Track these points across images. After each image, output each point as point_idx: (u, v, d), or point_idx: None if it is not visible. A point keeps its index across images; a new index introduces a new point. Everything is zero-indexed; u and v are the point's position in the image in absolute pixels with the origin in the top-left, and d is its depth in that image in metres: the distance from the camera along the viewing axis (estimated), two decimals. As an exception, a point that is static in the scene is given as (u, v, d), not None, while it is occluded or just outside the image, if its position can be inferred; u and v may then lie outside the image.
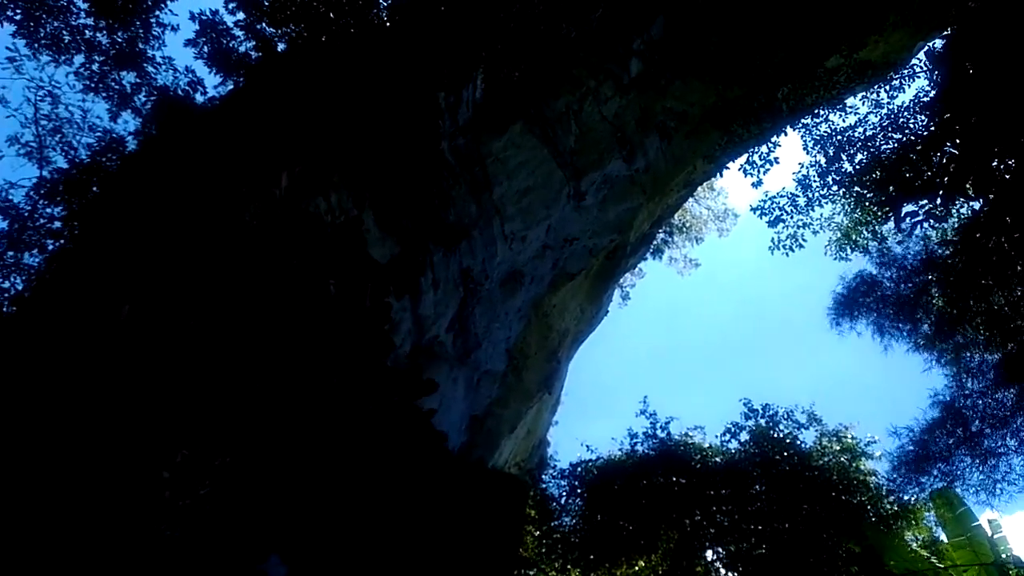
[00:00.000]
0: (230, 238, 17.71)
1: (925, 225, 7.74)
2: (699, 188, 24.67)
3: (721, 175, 22.61)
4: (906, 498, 15.35)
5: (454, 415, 19.74)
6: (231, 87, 19.01)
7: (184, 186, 19.68)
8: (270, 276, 16.12)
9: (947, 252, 12.47)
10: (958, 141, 7.26)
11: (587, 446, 17.57)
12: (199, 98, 18.28)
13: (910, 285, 16.68)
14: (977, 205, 7.76)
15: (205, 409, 15.59)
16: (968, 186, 7.31)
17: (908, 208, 7.90)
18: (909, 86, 15.38)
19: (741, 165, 17.17)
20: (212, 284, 16.71)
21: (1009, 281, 7.80)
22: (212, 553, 14.31)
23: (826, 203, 15.67)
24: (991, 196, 7.24)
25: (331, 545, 14.52)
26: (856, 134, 14.96)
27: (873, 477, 15.16)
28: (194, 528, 14.95)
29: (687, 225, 28.39)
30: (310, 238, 16.82)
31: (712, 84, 17.84)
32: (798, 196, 15.59)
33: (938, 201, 7.57)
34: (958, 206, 8.78)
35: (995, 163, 7.17)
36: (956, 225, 8.12)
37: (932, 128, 7.81)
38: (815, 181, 15.35)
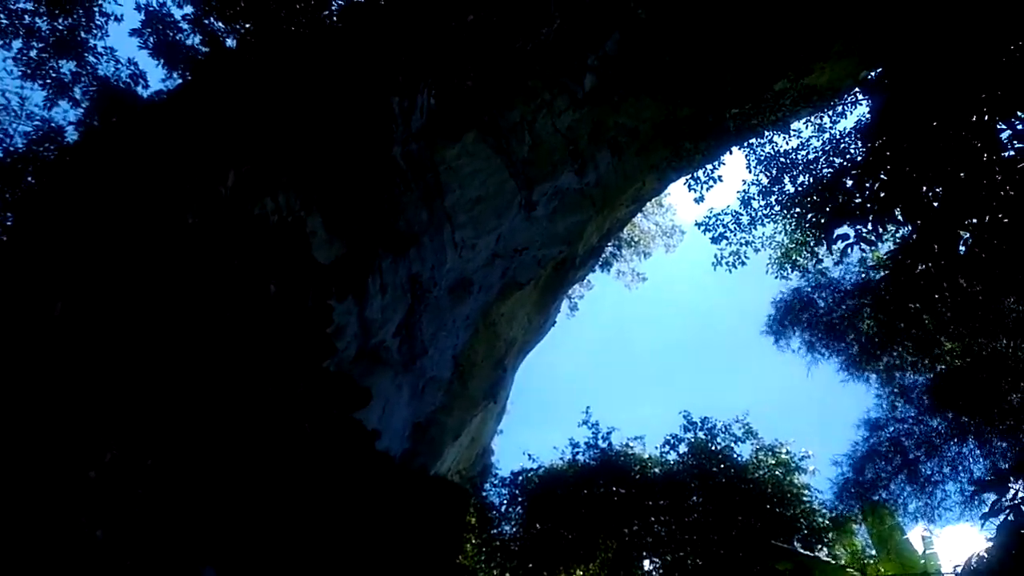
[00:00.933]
0: (170, 236, 17.30)
1: (857, 248, 7.97)
2: (648, 204, 25.04)
3: (668, 193, 22.97)
4: (836, 513, 15.81)
5: (397, 422, 19.58)
6: (177, 82, 18.61)
7: (125, 180, 19.16)
8: (209, 275, 15.77)
9: (878, 276, 12.94)
10: (890, 168, 7.50)
11: (529, 455, 17.63)
12: (142, 91, 17.83)
13: (842, 307, 17.21)
14: (907, 231, 8.02)
15: (136, 410, 15.16)
16: (898, 212, 7.56)
17: (841, 231, 8.13)
18: (852, 112, 15.94)
19: (687, 180, 17.50)
20: (148, 283, 16.28)
21: (935, 305, 8.11)
22: (144, 555, 13.90)
23: (768, 222, 16.11)
24: (919, 223, 7.49)
25: (267, 554, 14.21)
26: (799, 157, 15.41)
27: (806, 491, 15.54)
28: (124, 530, 14.50)
29: (635, 239, 28.80)
30: (253, 238, 16.52)
31: (663, 102, 18.15)
32: (741, 214, 15.98)
33: (869, 226, 7.81)
34: (889, 231, 9.09)
35: (924, 190, 7.43)
36: (887, 250, 8.43)
37: (867, 154, 8.07)
38: (757, 200, 15.76)
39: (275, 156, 20.74)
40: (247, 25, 16.62)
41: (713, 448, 16.08)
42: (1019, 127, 7.55)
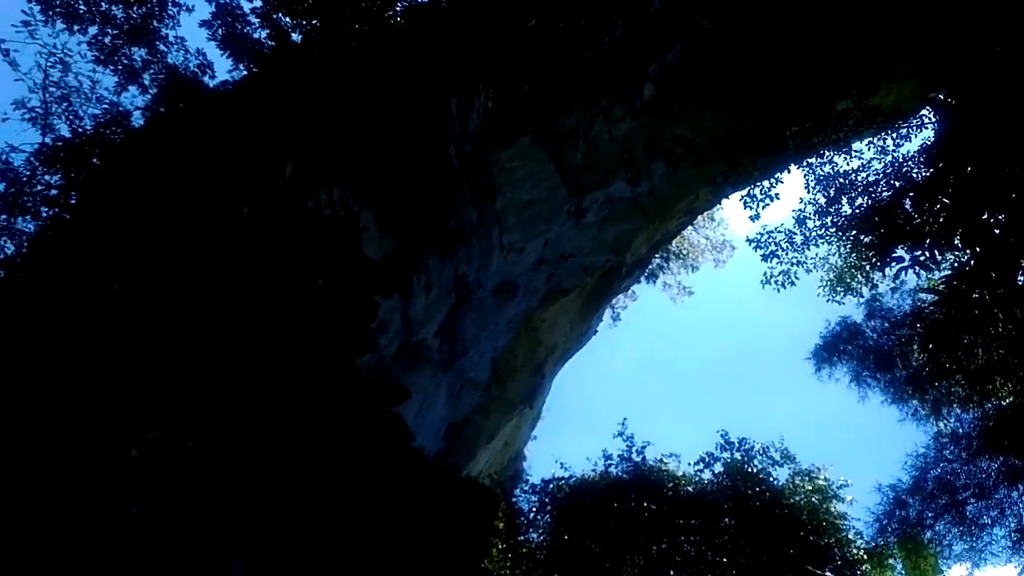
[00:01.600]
0: (226, 225, 17.73)
1: (912, 273, 7.71)
2: (699, 217, 24.70)
3: (721, 207, 22.64)
4: (873, 545, 15.32)
5: (433, 420, 19.69)
6: (243, 73, 19.08)
7: (187, 168, 19.71)
8: (260, 266, 16.12)
9: (931, 305, 12.48)
10: (951, 191, 7.24)
11: (561, 463, 17.46)
12: (208, 81, 18.34)
13: (892, 337, 16.67)
14: (965, 258, 7.73)
15: (181, 393, 15.55)
16: (957, 238, 7.29)
17: (897, 254, 7.87)
18: (916, 136, 15.44)
19: (742, 197, 17.17)
20: (202, 270, 16.71)
21: (989, 337, 7.78)
22: (177, 537, 14.21)
23: (822, 243, 15.68)
24: (978, 250, 7.21)
25: (293, 548, 14.40)
26: (859, 178, 14.98)
27: (843, 520, 15.09)
28: (161, 509, 14.86)
29: (684, 252, 28.44)
30: (306, 230, 16.82)
31: (723, 115, 17.89)
32: (795, 233, 15.59)
33: (926, 250, 7.55)
34: (947, 257, 8.78)
35: (985, 216, 7.15)
36: (943, 277, 8.13)
37: (929, 176, 7.81)
38: (813, 220, 15.35)
39: (333, 150, 21.11)
40: (313, 21, 16.95)
41: (749, 470, 15.72)
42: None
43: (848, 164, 15.17)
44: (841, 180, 14.92)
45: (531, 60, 18.65)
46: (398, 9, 15.56)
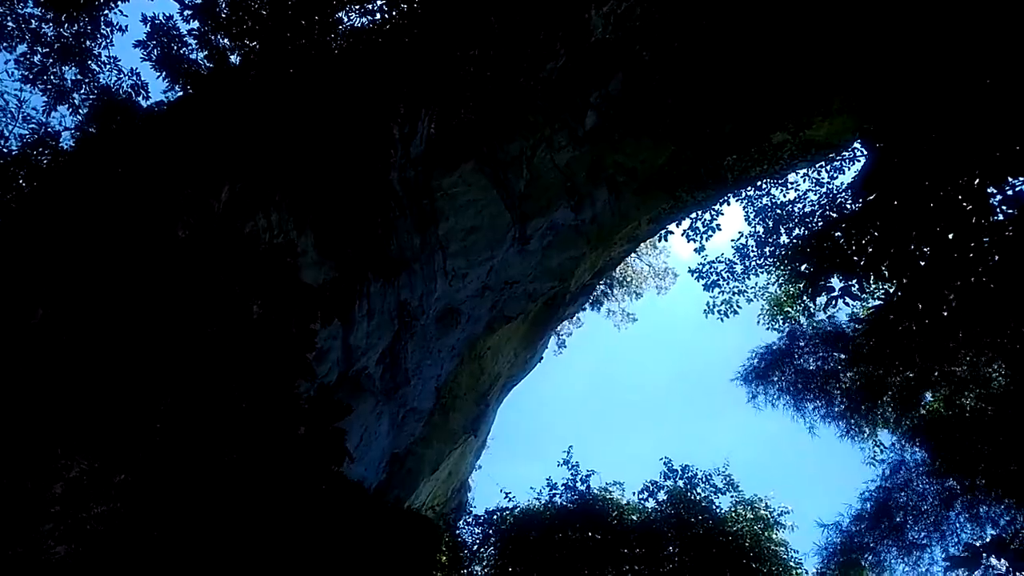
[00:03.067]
0: (159, 249, 17.12)
1: (842, 302, 7.82)
2: (642, 244, 24.93)
3: (666, 239, 22.88)
4: (815, 570, 15.45)
5: (375, 451, 19.25)
6: (179, 94, 18.60)
7: (119, 190, 19.05)
8: (194, 293, 15.56)
9: (860, 331, 12.83)
10: (879, 223, 7.36)
11: (506, 493, 17.19)
12: (142, 102, 17.81)
13: (824, 361, 17.00)
14: (892, 288, 7.86)
15: (111, 423, 14.85)
16: (885, 269, 7.40)
17: (828, 284, 7.98)
18: (849, 168, 15.90)
19: (684, 231, 17.37)
20: (134, 295, 16.06)
21: (914, 365, 7.93)
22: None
23: (762, 273, 16.00)
24: (905, 281, 7.33)
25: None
26: (795, 209, 15.35)
27: (784, 548, 15.18)
28: (87, 547, 14.08)
29: (627, 279, 28.70)
30: (242, 256, 16.31)
31: (663, 145, 18.13)
32: (735, 263, 15.86)
33: (856, 281, 7.65)
34: (875, 287, 8.95)
35: (912, 248, 7.28)
36: (873, 306, 8.29)
37: (858, 208, 7.94)
38: (753, 251, 15.65)
39: (271, 174, 20.69)
40: (253, 44, 16.59)
41: (692, 498, 15.73)
42: (1010, 193, 7.43)
43: (785, 196, 15.55)
44: (779, 211, 15.25)
45: (474, 87, 18.64)
46: (340, 31, 15.35)
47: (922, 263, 7.48)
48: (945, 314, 7.39)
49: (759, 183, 16.04)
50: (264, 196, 20.56)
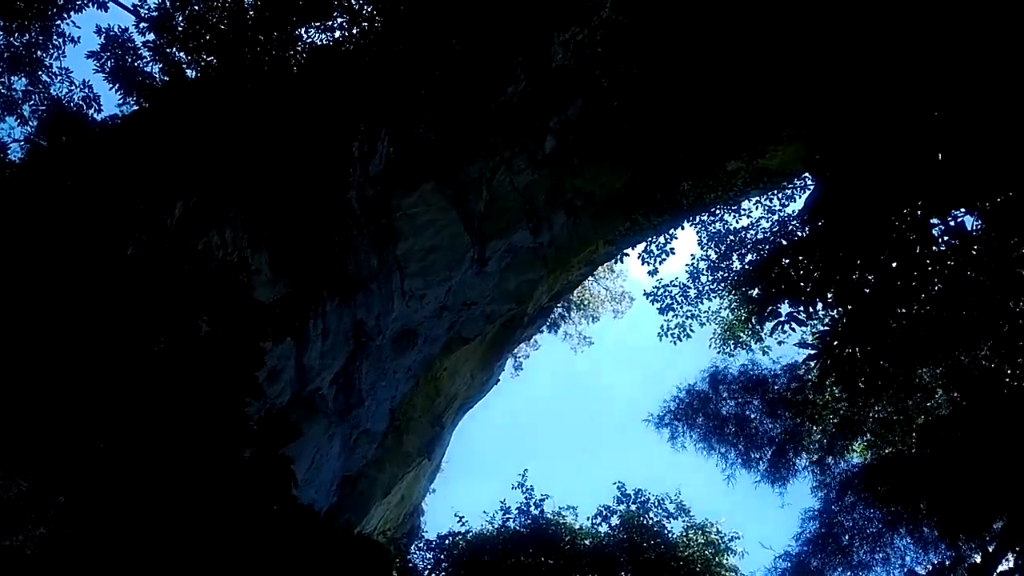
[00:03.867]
0: (107, 265, 16.70)
1: (789, 328, 7.94)
2: (599, 268, 25.09)
3: (622, 260, 23.06)
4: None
5: (326, 474, 18.89)
6: (133, 107, 18.27)
7: (68, 204, 18.58)
8: (143, 310, 15.18)
9: (805, 359, 13.06)
10: (826, 250, 7.49)
11: (459, 517, 17.03)
12: (94, 114, 17.43)
13: (746, 406, 17.27)
14: (838, 315, 8.00)
15: (50, 443, 14.34)
16: (831, 295, 7.52)
17: (776, 310, 8.09)
18: (800, 196, 16.23)
19: (640, 253, 17.54)
20: (81, 312, 15.61)
21: (858, 392, 8.06)
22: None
23: (714, 297, 16.21)
24: (850, 307, 7.46)
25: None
26: (748, 235, 15.64)
27: (733, 573, 15.26)
28: (25, 573, 13.52)
29: (585, 302, 28.85)
30: (192, 272, 15.97)
31: (620, 170, 18.32)
32: (689, 287, 16.06)
33: (803, 306, 7.76)
34: (823, 314, 9.11)
35: (856, 276, 7.41)
36: (819, 332, 8.43)
37: (806, 235, 8.08)
38: (706, 275, 15.87)
39: (227, 190, 20.37)
40: (211, 58, 16.39)
41: (645, 522, 15.76)
42: (952, 224, 7.63)
43: (738, 222, 15.83)
44: (732, 237, 15.51)
45: (435, 108, 18.65)
46: (300, 48, 15.26)
47: (867, 290, 7.62)
48: (889, 341, 7.53)
49: (713, 209, 16.30)
50: (219, 212, 20.22)
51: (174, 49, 16.34)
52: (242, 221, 20.45)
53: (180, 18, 15.24)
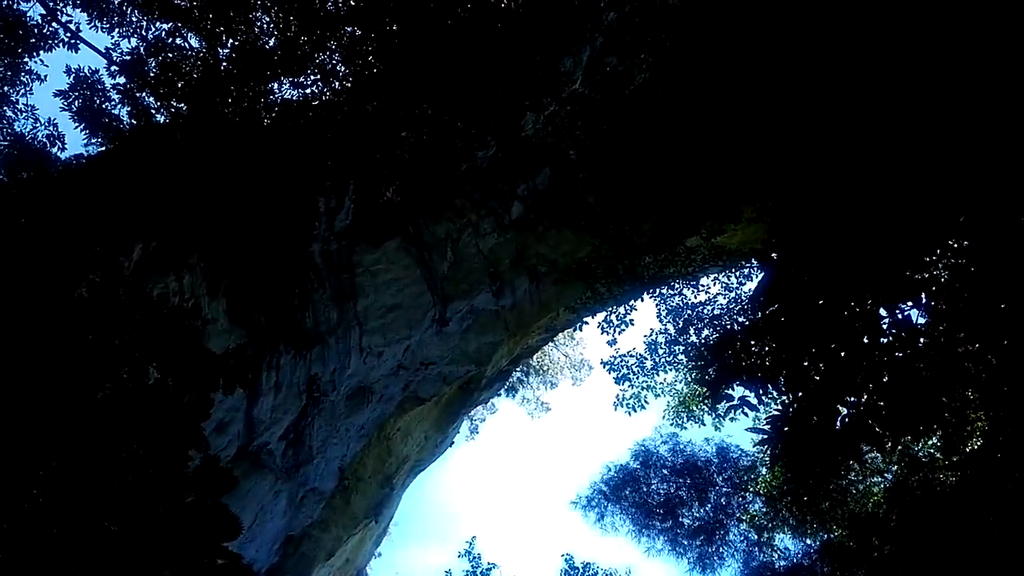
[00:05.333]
0: (57, 307, 16.28)
1: (741, 412, 8.01)
2: (559, 335, 25.16)
3: (582, 328, 23.16)
4: None
5: (269, 532, 18.26)
6: (99, 148, 18.12)
7: (24, 242, 18.19)
8: (88, 352, 14.78)
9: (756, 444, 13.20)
10: (778, 335, 7.61)
11: (404, 585, 16.49)
12: (59, 153, 17.25)
13: (677, 488, 17.34)
14: (789, 400, 8.09)
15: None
16: (782, 380, 7.62)
17: (729, 392, 8.17)
18: (757, 276, 16.55)
19: (600, 323, 17.64)
20: (24, 353, 15.14)
21: (807, 479, 8.12)
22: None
23: (670, 369, 16.30)
24: (800, 394, 7.55)
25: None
26: (705, 311, 15.86)
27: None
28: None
29: (544, 368, 28.82)
30: (144, 317, 15.64)
31: (584, 239, 18.56)
32: (646, 359, 16.15)
33: (755, 390, 7.85)
34: (774, 399, 9.21)
35: (807, 363, 7.53)
36: (769, 417, 8.52)
37: (759, 319, 8.23)
38: (663, 348, 15.99)
39: (188, 236, 20.14)
40: (181, 105, 16.39)
41: (592, 600, 15.47)
42: (899, 316, 7.83)
43: (696, 297, 16.08)
44: (690, 312, 15.71)
45: (404, 169, 18.82)
46: (271, 100, 15.36)
47: (817, 377, 7.73)
48: (838, 428, 7.61)
49: (673, 283, 16.54)
50: (178, 258, 19.96)
51: (144, 94, 16.31)
52: (201, 268, 20.19)
53: (153, 64, 15.25)
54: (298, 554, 17.91)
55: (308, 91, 15.72)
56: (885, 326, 7.70)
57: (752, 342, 7.97)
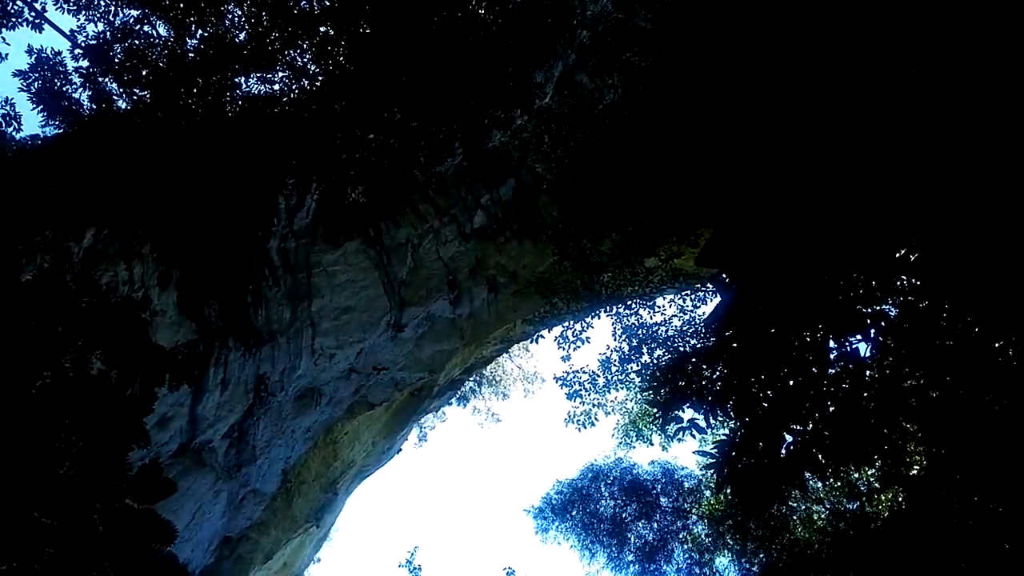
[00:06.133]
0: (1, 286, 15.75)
1: (689, 434, 8.12)
2: (515, 346, 25.19)
3: (537, 341, 23.23)
4: None
5: (205, 532, 17.86)
6: (56, 131, 17.62)
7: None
8: (30, 342, 14.32)
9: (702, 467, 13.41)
10: (728, 361, 7.74)
11: (343, 591, 16.24)
12: (14, 132, 16.71)
13: (623, 507, 17.63)
14: (737, 425, 8.22)
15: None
16: (731, 406, 7.75)
17: (678, 414, 8.28)
18: (712, 300, 16.82)
19: (556, 337, 17.70)
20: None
21: (753, 504, 8.24)
22: None
23: (623, 388, 16.40)
24: (748, 420, 7.69)
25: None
26: (660, 332, 16.03)
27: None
28: None
29: (497, 379, 28.79)
30: (91, 306, 15.23)
31: (544, 253, 18.66)
32: (598, 376, 16.22)
33: (704, 414, 7.96)
34: (722, 423, 9.35)
35: (756, 390, 7.67)
36: (716, 442, 8.65)
37: (711, 344, 8.35)
38: (617, 366, 16.08)
39: (142, 225, 19.67)
40: (144, 93, 16.01)
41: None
42: (847, 349, 8.03)
43: (652, 317, 16.22)
44: (644, 332, 15.86)
45: (369, 171, 18.70)
46: (237, 96, 15.10)
47: (765, 404, 7.87)
48: (783, 455, 7.76)
49: (630, 302, 16.68)
50: (130, 247, 19.49)
51: (107, 79, 15.86)
52: (154, 259, 19.74)
53: (119, 49, 14.88)
54: (235, 556, 17.55)
55: (276, 87, 15.48)
56: (833, 357, 7.89)
57: (704, 366, 8.09)
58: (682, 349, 14.51)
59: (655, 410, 8.92)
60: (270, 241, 20.32)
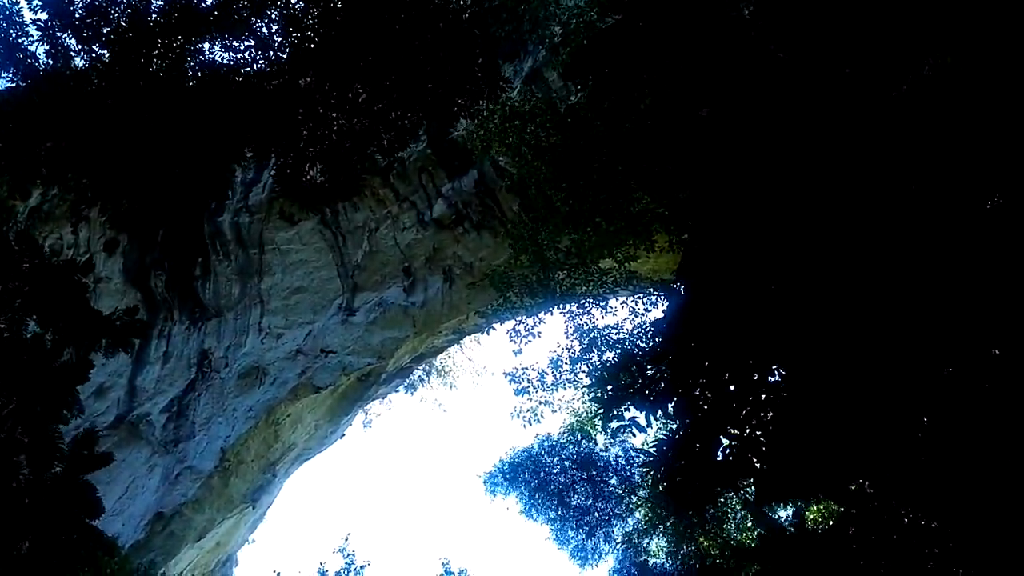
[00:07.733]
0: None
1: (630, 432, 8.23)
2: (466, 338, 25.14)
3: (489, 334, 23.21)
4: None
5: (138, 506, 17.50)
6: (10, 84, 17.01)
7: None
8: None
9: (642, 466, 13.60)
10: (672, 364, 7.85)
11: (277, 573, 16.09)
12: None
13: (568, 474, 17.99)
14: (676, 426, 8.35)
15: None
16: (672, 408, 7.86)
17: (621, 413, 8.37)
18: (662, 304, 17.00)
19: (508, 331, 17.69)
20: None
21: (686, 505, 8.37)
22: None
23: (571, 387, 16.48)
24: (687, 421, 7.81)
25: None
26: (611, 334, 16.14)
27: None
28: None
29: (446, 369, 28.69)
30: (31, 268, 14.77)
31: (502, 246, 18.65)
32: (547, 374, 16.28)
33: (646, 413, 8.06)
34: (663, 423, 9.47)
35: (698, 393, 7.78)
36: (655, 441, 8.78)
37: (656, 345, 8.46)
38: (566, 365, 16.15)
39: (91, 188, 19.12)
40: (104, 52, 15.51)
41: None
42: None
43: (604, 319, 16.35)
44: (596, 332, 15.96)
45: (331, 150, 18.46)
46: (199, 62, 14.72)
47: (705, 407, 7.99)
48: (718, 459, 7.89)
49: (583, 302, 16.77)
50: (78, 209, 18.92)
51: (66, 35, 15.33)
52: (101, 223, 19.20)
53: (80, 4, 14.40)
54: (167, 532, 17.24)
55: (240, 56, 15.16)
56: (775, 365, 8.07)
57: (649, 367, 8.19)
58: (631, 351, 14.65)
59: (598, 407, 8.99)
60: (223, 214, 19.93)
